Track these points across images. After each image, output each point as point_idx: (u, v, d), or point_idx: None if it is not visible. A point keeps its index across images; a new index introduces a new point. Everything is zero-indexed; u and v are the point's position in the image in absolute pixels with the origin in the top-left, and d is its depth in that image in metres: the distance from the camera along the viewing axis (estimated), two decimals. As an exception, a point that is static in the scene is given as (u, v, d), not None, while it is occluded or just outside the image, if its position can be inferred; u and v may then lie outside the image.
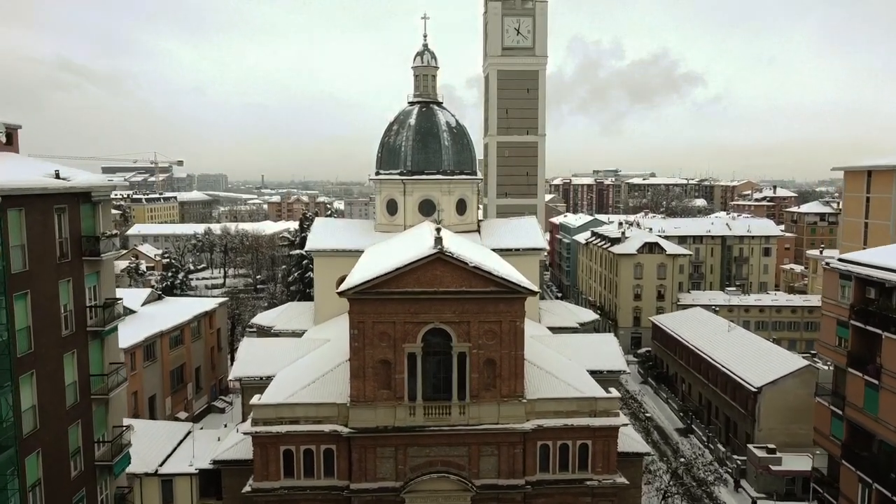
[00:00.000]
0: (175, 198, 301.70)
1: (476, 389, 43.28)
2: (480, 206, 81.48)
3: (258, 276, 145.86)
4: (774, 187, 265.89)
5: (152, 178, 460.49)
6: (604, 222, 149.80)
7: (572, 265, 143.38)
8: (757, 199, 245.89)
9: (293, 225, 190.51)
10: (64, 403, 33.96)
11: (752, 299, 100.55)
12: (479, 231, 72.91)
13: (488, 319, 42.97)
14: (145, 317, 72.20)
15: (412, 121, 70.56)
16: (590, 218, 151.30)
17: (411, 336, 42.87)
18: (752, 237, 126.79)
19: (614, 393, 45.46)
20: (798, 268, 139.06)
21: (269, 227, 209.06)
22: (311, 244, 70.15)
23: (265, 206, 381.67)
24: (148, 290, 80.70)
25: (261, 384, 52.43)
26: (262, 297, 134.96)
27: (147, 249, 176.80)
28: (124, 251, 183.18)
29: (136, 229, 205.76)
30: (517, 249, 69.56)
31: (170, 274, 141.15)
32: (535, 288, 42.81)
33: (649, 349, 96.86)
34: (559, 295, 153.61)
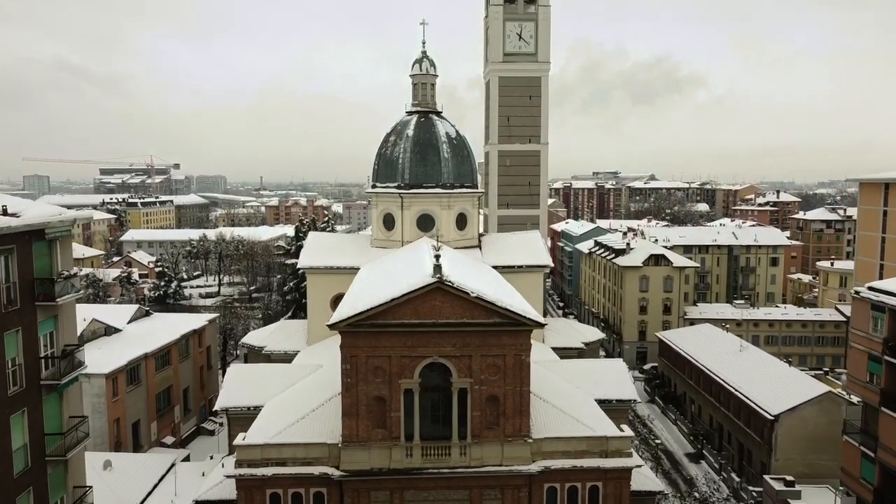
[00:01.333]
0: (171, 201, 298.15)
1: (478, 428, 40.04)
2: (481, 216, 78.36)
3: (252, 288, 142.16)
4: (777, 192, 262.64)
5: (150, 180, 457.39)
6: (606, 230, 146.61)
7: (574, 274, 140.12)
8: (760, 205, 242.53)
9: (290, 229, 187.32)
10: (11, 471, 30.31)
11: (761, 313, 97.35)
12: (479, 246, 69.72)
13: (491, 353, 39.74)
14: (131, 336, 69.00)
15: (410, 131, 67.38)
16: (592, 226, 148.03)
17: (408, 371, 39.62)
18: (759, 246, 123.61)
19: (627, 431, 42.21)
20: (806, 277, 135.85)
21: (265, 233, 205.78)
22: (304, 261, 66.95)
23: (263, 209, 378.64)
24: (135, 307, 77.34)
25: (248, 415, 49.29)
26: (256, 307, 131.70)
27: (141, 256, 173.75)
28: (118, 258, 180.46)
29: (130, 235, 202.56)
30: (520, 266, 66.50)
31: (162, 283, 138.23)
32: (542, 320, 39.56)
33: (655, 365, 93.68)
34: (561, 304, 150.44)
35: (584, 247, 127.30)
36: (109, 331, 68.58)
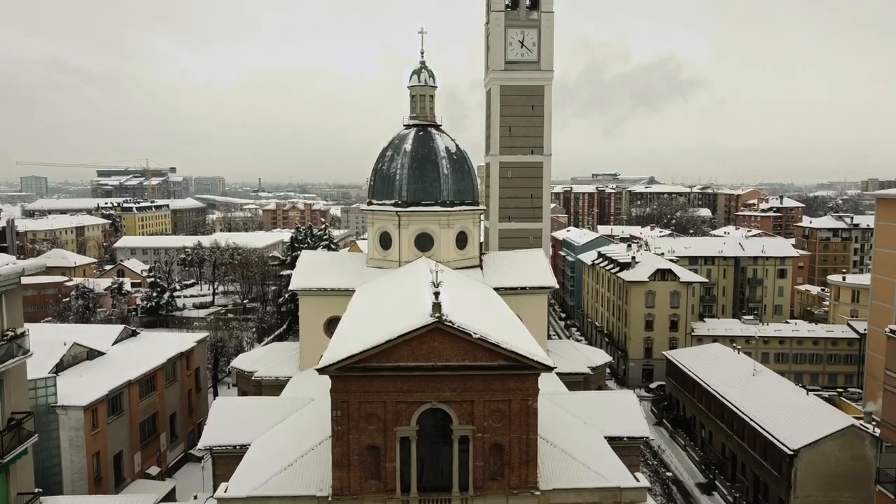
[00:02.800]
0: (167, 206, 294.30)
1: (480, 480, 36.77)
2: (481, 229, 74.68)
3: (245, 301, 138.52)
4: (781, 197, 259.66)
5: (147, 182, 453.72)
6: (610, 240, 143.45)
7: (577, 285, 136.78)
8: (763, 210, 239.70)
9: (287, 235, 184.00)
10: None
11: (771, 330, 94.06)
12: (481, 266, 66.50)
13: (495, 398, 36.47)
14: (114, 360, 65.57)
15: (408, 146, 64.13)
16: (595, 235, 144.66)
17: (404, 418, 36.34)
18: (767, 258, 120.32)
19: (642, 480, 38.92)
20: (814, 289, 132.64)
21: (262, 239, 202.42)
22: (296, 282, 63.68)
23: (260, 212, 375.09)
24: (120, 327, 73.87)
25: (234, 453, 46.06)
26: (250, 318, 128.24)
27: (134, 264, 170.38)
28: (110, 266, 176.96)
29: (123, 242, 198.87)
30: (523, 288, 63.40)
31: (154, 294, 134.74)
32: (551, 362, 36.25)
33: (662, 383, 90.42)
34: (563, 315, 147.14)
35: (587, 258, 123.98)
36: (92, 354, 65.15)
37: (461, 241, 64.97)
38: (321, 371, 35.49)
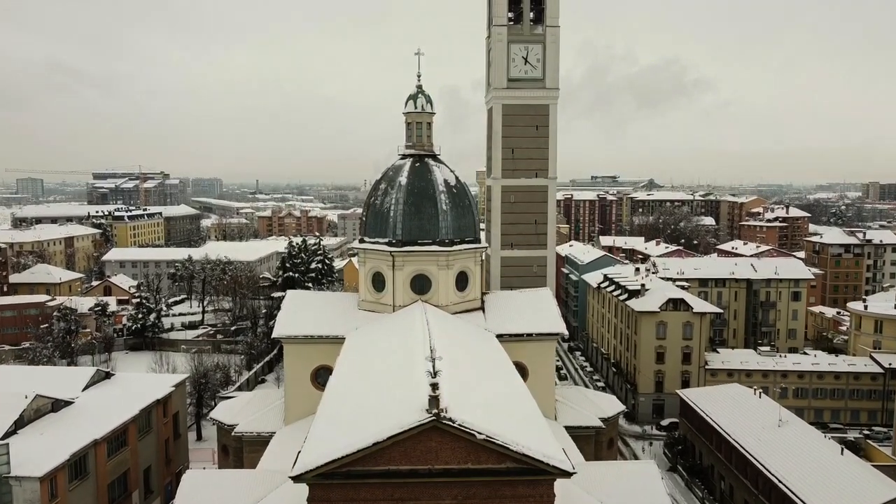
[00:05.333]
0: (160, 213, 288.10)
1: None
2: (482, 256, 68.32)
3: (233, 328, 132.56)
4: (787, 207, 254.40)
5: (143, 185, 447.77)
6: (614, 259, 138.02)
7: (581, 306, 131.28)
8: (769, 220, 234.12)
9: (282, 244, 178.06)
10: None
11: (789, 363, 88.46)
12: (483, 308, 60.86)
13: (503, 507, 30.93)
14: (83, 410, 59.92)
15: (403, 179, 58.51)
16: (600, 254, 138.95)
17: (396, 529, 30.78)
18: (780, 280, 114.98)
19: None
20: (828, 311, 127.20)
21: (255, 251, 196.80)
22: (280, 329, 58.02)
23: (256, 216, 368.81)
24: (92, 370, 68.19)
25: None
26: (239, 340, 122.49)
27: (121, 280, 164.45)
28: (97, 282, 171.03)
29: (112, 255, 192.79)
30: (529, 335, 57.73)
31: (140, 315, 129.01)
32: (570, 466, 30.68)
33: (675, 421, 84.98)
34: (566, 337, 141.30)
35: (592, 278, 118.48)
36: (58, 406, 59.49)
37: (461, 281, 59.38)
38: (296, 479, 29.91)
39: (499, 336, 56.35)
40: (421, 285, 57.98)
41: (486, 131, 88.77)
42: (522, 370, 57.90)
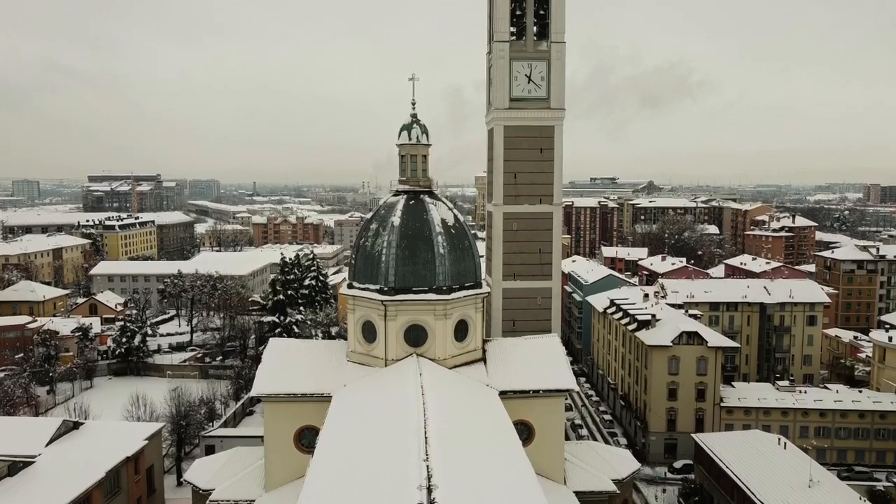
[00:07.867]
0: (153, 221, 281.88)
1: None
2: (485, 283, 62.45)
3: (220, 358, 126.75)
4: (793, 216, 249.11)
5: (140, 188, 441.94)
6: (620, 278, 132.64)
7: (585, 328, 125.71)
8: (775, 230, 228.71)
9: (278, 254, 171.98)
10: None
11: (810, 400, 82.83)
12: (484, 359, 55.30)
13: None
14: (43, 472, 54.55)
15: (396, 219, 52.90)
16: (605, 272, 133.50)
17: None
18: (795, 304, 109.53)
19: None
20: (844, 334, 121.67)
21: (248, 264, 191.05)
22: (260, 386, 52.43)
23: (252, 221, 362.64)
24: (59, 421, 62.58)
25: None
26: (227, 367, 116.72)
27: (108, 297, 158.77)
28: (83, 300, 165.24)
29: (100, 268, 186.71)
30: (536, 391, 52.24)
31: (124, 339, 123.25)
32: None
33: (688, 463, 79.56)
34: (570, 361, 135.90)
35: (597, 301, 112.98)
36: (15, 468, 54.08)
37: (461, 330, 53.82)
38: None
39: (502, 393, 50.99)
40: (416, 336, 52.45)
41: (487, 153, 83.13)
42: (528, 429, 52.61)
